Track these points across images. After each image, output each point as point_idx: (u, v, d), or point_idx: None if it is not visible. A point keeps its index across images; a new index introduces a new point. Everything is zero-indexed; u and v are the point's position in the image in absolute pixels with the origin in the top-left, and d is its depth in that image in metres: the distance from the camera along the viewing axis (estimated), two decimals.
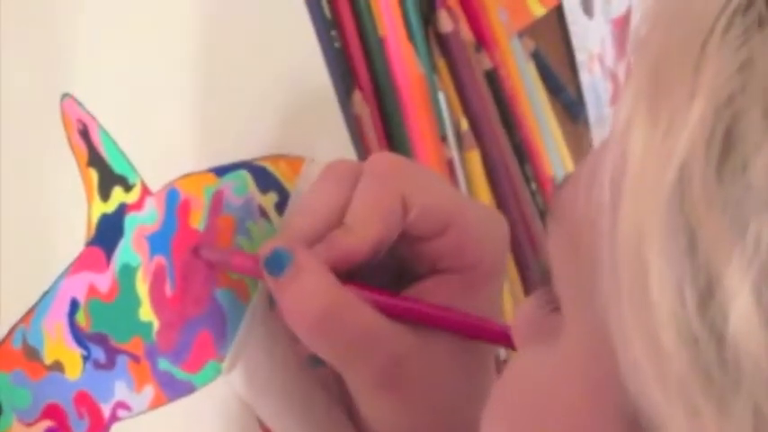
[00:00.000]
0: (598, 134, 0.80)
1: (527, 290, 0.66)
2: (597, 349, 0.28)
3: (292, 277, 0.45)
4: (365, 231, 0.46)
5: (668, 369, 0.24)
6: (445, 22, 0.63)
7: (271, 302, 0.49)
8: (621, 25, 0.85)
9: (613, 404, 0.28)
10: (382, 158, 0.50)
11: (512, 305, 0.64)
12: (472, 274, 0.48)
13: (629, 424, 0.27)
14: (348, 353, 0.46)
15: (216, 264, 0.48)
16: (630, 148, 0.25)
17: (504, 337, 0.46)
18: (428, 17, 0.63)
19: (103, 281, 0.44)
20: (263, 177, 0.51)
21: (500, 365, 0.54)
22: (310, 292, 0.45)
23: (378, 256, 0.47)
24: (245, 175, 0.50)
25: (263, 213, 0.51)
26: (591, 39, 0.81)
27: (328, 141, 0.55)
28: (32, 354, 0.41)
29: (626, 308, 0.25)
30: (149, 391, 0.45)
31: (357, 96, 0.57)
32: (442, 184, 0.50)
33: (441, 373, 0.47)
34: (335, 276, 0.45)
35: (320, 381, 0.51)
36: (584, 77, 0.80)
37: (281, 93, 0.53)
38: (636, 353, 0.25)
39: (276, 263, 0.45)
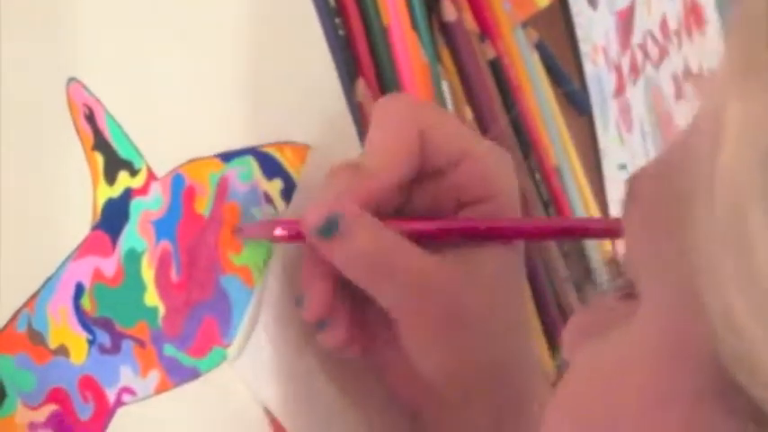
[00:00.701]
0: (601, 126, 0.80)
1: (531, 277, 0.65)
2: (680, 321, 0.28)
3: (345, 234, 0.46)
4: (385, 170, 0.48)
5: None
6: (449, 11, 0.63)
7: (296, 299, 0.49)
8: (625, 17, 0.85)
9: (695, 371, 0.27)
10: (393, 98, 0.50)
11: None
12: (495, 204, 0.50)
13: (713, 389, 0.27)
14: (406, 296, 0.47)
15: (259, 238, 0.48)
16: (731, 104, 0.25)
17: (561, 231, 0.52)
18: (432, 6, 0.63)
19: (109, 265, 0.44)
20: (269, 164, 0.51)
21: None
22: (366, 244, 0.46)
23: (401, 194, 0.49)
24: (250, 161, 0.50)
25: (269, 200, 0.50)
26: (595, 30, 0.81)
27: (332, 129, 0.55)
28: (37, 338, 0.41)
29: (726, 260, 0.25)
30: (155, 375, 0.45)
31: (360, 84, 0.57)
32: (452, 118, 0.51)
33: (487, 308, 0.49)
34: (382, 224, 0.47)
35: (336, 373, 0.51)
36: (588, 68, 0.80)
37: (285, 80, 0.53)
38: (739, 306, 0.25)
39: (326, 229, 0.46)
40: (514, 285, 0.51)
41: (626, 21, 0.85)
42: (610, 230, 0.50)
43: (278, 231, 0.48)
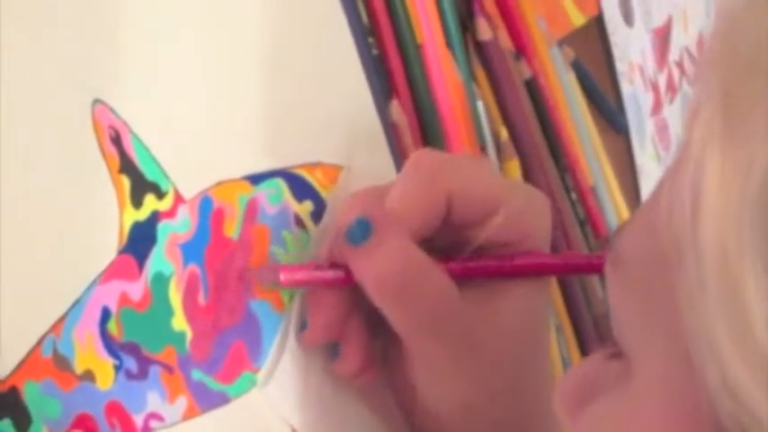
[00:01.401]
0: (638, 144, 0.79)
1: (567, 299, 0.64)
2: (677, 381, 0.28)
3: (374, 245, 0.45)
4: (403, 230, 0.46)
5: None
6: (484, 30, 0.62)
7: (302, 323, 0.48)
8: (662, 34, 0.83)
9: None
10: (425, 155, 0.48)
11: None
12: (520, 247, 0.49)
13: None
14: (423, 321, 0.46)
15: (265, 284, 0.47)
16: (708, 164, 0.25)
17: (587, 266, 0.50)
18: (466, 25, 0.62)
19: (136, 289, 0.42)
20: (299, 186, 0.49)
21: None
22: (394, 259, 0.45)
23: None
24: (280, 183, 0.48)
25: (299, 222, 0.49)
26: (631, 48, 0.79)
27: (366, 150, 0.53)
28: (63, 363, 0.40)
29: (719, 324, 0.24)
30: (182, 401, 0.43)
31: (395, 104, 0.56)
32: (484, 172, 0.49)
33: (507, 340, 0.48)
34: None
35: (362, 391, 0.50)
36: (625, 88, 0.78)
37: (318, 100, 0.51)
38: (735, 369, 0.24)
39: (358, 232, 0.45)
40: (535, 324, 0.50)
41: (662, 38, 0.84)
42: None
43: (282, 277, 0.46)
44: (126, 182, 0.42)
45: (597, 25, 0.75)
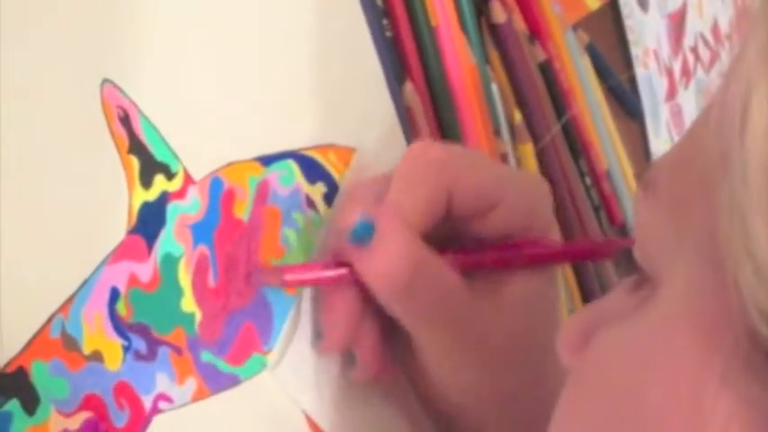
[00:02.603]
0: (653, 129, 0.77)
1: (580, 283, 0.63)
2: (706, 295, 0.28)
3: (378, 244, 0.44)
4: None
5: None
6: (498, 13, 0.60)
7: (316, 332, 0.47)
8: (677, 20, 0.82)
9: (726, 347, 0.27)
10: (423, 149, 0.47)
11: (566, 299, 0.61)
12: (524, 235, 0.48)
13: (744, 363, 0.26)
14: (430, 316, 0.45)
15: (270, 285, 0.46)
16: (761, 79, 0.26)
17: (592, 253, 0.51)
18: (481, 8, 0.60)
19: (145, 270, 0.41)
20: (311, 167, 0.48)
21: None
22: (398, 257, 0.44)
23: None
24: (291, 164, 0.47)
25: (311, 204, 0.48)
26: (646, 33, 0.77)
27: (379, 132, 0.52)
28: (71, 343, 0.39)
29: (759, 221, 0.25)
30: (192, 383, 0.42)
31: (408, 87, 0.54)
32: (484, 166, 0.48)
33: (516, 331, 0.47)
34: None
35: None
36: (640, 72, 0.76)
37: (331, 82, 0.50)
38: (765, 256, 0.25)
39: (362, 233, 0.44)
40: (543, 312, 0.49)
41: (677, 24, 0.82)
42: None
43: (288, 277, 0.45)
44: (135, 162, 0.41)
45: (612, 9, 0.74)
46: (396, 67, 0.54)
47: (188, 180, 0.43)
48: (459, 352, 0.46)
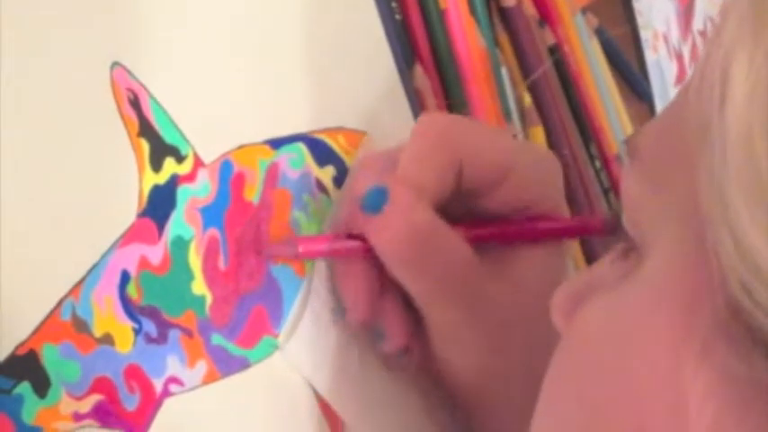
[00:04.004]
0: None
1: (589, 261, 0.62)
2: (689, 261, 0.28)
3: (389, 212, 0.43)
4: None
5: None
6: None
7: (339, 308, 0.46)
8: (686, 4, 0.81)
9: (706, 319, 0.27)
10: (433, 120, 0.47)
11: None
12: (534, 211, 0.47)
13: (724, 335, 0.27)
14: (440, 287, 0.44)
15: (284, 257, 0.45)
16: (738, 51, 0.26)
17: (603, 228, 0.49)
18: None
19: (155, 253, 0.41)
20: (321, 150, 0.48)
21: None
22: (409, 225, 0.43)
23: None
24: (301, 147, 0.47)
25: (321, 187, 0.47)
26: (656, 17, 0.77)
27: (389, 115, 0.52)
28: (82, 326, 0.38)
29: (737, 193, 0.25)
30: (202, 366, 0.42)
31: (418, 70, 0.54)
32: (494, 138, 0.48)
33: (526, 309, 0.46)
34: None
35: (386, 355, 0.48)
36: (649, 56, 0.76)
37: (340, 65, 0.49)
38: (751, 236, 0.25)
39: (374, 201, 0.43)
40: (552, 288, 0.48)
41: (687, 7, 0.81)
42: None
43: (301, 249, 0.44)
44: (145, 145, 0.41)
45: None
46: (405, 50, 0.54)
47: (198, 163, 0.43)
48: (469, 329, 0.45)
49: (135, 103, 0.41)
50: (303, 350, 0.45)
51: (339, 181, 0.48)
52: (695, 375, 0.27)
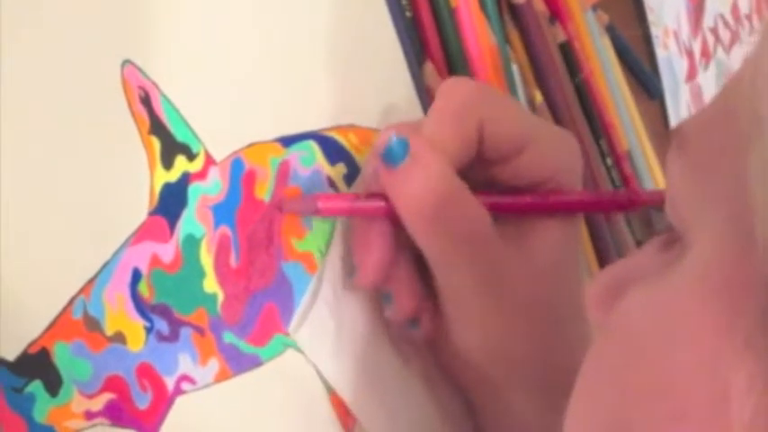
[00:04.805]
0: (673, 110, 0.76)
1: (595, 243, 0.62)
2: (734, 254, 0.28)
3: (410, 165, 0.43)
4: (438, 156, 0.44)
5: None
6: None
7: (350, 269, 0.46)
8: (697, 1, 0.81)
9: (751, 313, 0.27)
10: (456, 84, 0.46)
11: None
12: (552, 184, 0.47)
13: None
14: (456, 248, 0.44)
15: (303, 213, 0.44)
16: None
17: (622, 203, 0.49)
18: None
19: (167, 251, 0.41)
20: (332, 148, 0.47)
21: None
22: (429, 179, 0.43)
23: None
24: (312, 145, 0.46)
25: (332, 185, 0.47)
26: (666, 14, 0.76)
27: (399, 112, 0.51)
28: (93, 324, 0.38)
29: None
30: (214, 364, 0.42)
31: (429, 67, 0.54)
32: (517, 108, 0.48)
33: (541, 283, 0.46)
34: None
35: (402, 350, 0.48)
36: (660, 53, 0.75)
37: (351, 62, 0.49)
38: None
39: (395, 152, 0.43)
40: (565, 264, 0.48)
41: (697, 4, 0.81)
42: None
43: (320, 204, 0.44)
44: (156, 143, 0.41)
45: None
46: (416, 47, 0.54)
47: (209, 161, 0.42)
48: (478, 295, 0.44)
49: (146, 101, 0.40)
50: (314, 337, 0.45)
51: (350, 179, 0.48)
52: (738, 368, 0.27)
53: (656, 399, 0.29)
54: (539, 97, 0.60)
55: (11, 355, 0.36)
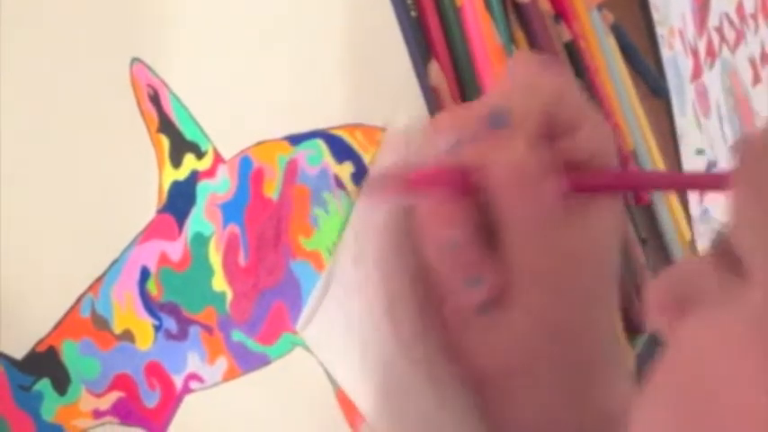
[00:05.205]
0: (678, 109, 0.76)
1: None
2: None
3: (509, 134, 0.41)
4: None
5: None
6: None
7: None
8: (702, 0, 0.81)
9: None
10: (523, 59, 0.46)
11: None
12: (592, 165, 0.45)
13: None
14: (539, 226, 0.41)
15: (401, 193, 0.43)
16: None
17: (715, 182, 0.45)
18: None
19: (175, 249, 0.41)
20: (339, 147, 0.47)
21: None
22: (526, 148, 0.41)
23: None
24: (320, 144, 0.46)
25: (339, 183, 0.47)
26: (672, 14, 0.76)
27: (405, 111, 0.51)
28: (101, 323, 0.38)
29: None
30: (223, 362, 0.42)
31: (434, 66, 0.54)
32: (575, 87, 0.47)
33: (595, 265, 0.44)
34: None
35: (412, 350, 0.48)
36: (665, 52, 0.75)
37: (356, 62, 0.49)
38: None
39: (502, 117, 0.41)
40: (607, 251, 0.47)
41: (702, 4, 0.81)
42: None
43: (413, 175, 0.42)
44: (165, 141, 0.41)
45: None
46: (421, 46, 0.53)
47: (218, 159, 0.42)
48: (550, 276, 0.42)
49: (155, 99, 0.40)
50: (322, 336, 0.45)
51: (357, 177, 0.48)
52: None
53: (709, 427, 0.29)
54: None
55: (19, 353, 0.36)
